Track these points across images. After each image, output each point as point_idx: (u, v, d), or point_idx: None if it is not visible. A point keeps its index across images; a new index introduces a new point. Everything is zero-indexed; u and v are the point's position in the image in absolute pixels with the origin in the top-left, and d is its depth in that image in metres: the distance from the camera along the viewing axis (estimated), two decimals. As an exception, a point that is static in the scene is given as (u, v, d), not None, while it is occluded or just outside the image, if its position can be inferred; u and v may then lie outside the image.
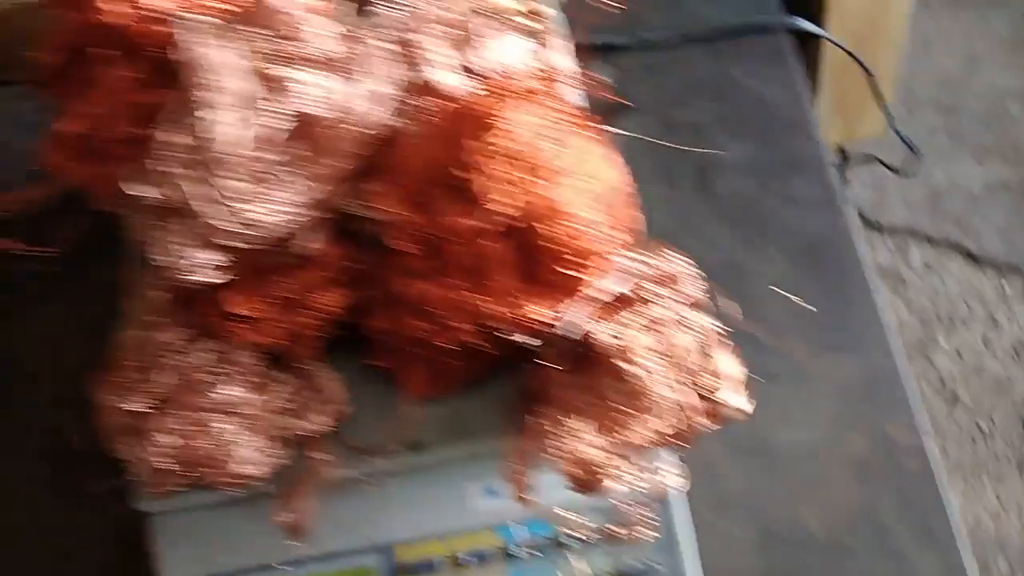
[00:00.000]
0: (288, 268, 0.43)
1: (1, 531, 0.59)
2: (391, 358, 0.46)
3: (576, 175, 0.35)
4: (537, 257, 0.36)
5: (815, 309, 0.56)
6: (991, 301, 1.55)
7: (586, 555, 0.51)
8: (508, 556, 0.51)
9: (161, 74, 0.42)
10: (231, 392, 0.44)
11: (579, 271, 0.35)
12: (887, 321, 0.61)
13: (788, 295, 0.57)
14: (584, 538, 0.50)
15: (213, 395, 0.44)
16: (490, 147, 0.37)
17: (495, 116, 0.38)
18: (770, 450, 0.59)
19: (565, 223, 0.34)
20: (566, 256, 0.35)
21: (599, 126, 0.43)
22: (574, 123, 0.41)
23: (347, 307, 0.45)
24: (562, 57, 0.52)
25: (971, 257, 1.57)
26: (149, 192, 0.39)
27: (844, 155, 1.53)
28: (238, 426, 0.45)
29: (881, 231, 1.59)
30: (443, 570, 0.51)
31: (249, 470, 0.46)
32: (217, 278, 0.40)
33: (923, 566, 0.55)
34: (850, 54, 0.75)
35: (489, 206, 0.36)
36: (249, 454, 0.46)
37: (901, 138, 0.77)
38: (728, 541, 0.56)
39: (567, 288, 0.36)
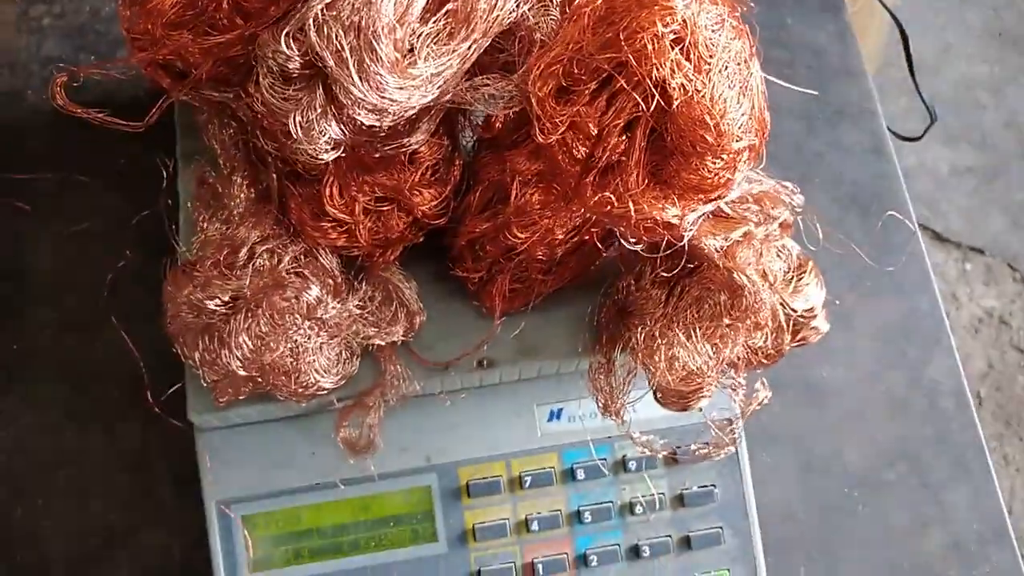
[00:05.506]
0: (390, 164, 0.41)
1: (31, 459, 0.56)
2: (474, 268, 0.45)
3: (732, 67, 0.34)
4: (675, 151, 0.35)
5: (861, 253, 0.57)
6: (952, 279, 1.61)
7: (647, 478, 0.51)
8: (570, 479, 0.51)
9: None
10: (314, 295, 0.42)
11: (716, 173, 0.35)
12: (928, 268, 0.63)
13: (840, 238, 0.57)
14: (652, 458, 0.50)
15: (297, 298, 0.42)
16: (659, 34, 0.34)
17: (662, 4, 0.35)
18: (812, 386, 0.60)
19: (718, 116, 0.34)
20: (708, 151, 0.34)
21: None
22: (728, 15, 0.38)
23: (441, 209, 0.43)
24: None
25: (936, 236, 1.62)
26: (294, 55, 0.36)
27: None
28: (317, 332, 0.43)
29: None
30: (504, 491, 0.50)
31: (322, 380, 0.44)
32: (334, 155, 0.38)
33: (956, 497, 0.57)
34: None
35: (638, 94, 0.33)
36: (324, 363, 0.44)
37: (925, 104, 0.80)
38: (770, 472, 0.57)
39: (697, 189, 0.35)
